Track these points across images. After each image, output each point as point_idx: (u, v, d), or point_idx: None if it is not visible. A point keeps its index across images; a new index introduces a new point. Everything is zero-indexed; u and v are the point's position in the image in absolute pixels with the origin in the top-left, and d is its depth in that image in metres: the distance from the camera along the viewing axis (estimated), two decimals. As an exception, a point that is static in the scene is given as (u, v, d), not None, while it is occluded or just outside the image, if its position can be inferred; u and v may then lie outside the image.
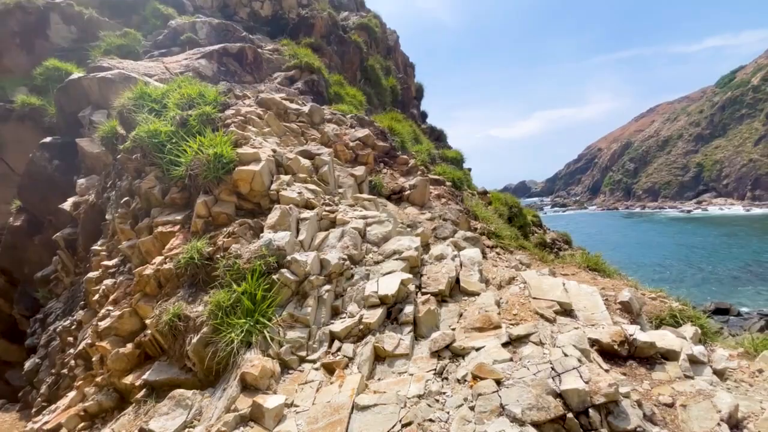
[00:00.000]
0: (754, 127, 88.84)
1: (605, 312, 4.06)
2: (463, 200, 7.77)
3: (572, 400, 2.55)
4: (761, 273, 36.61)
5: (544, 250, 17.28)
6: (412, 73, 33.09)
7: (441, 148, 24.82)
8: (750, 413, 3.16)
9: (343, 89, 15.87)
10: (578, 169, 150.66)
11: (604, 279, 7.35)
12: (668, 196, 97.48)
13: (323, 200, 4.64)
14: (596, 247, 41.70)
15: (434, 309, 3.59)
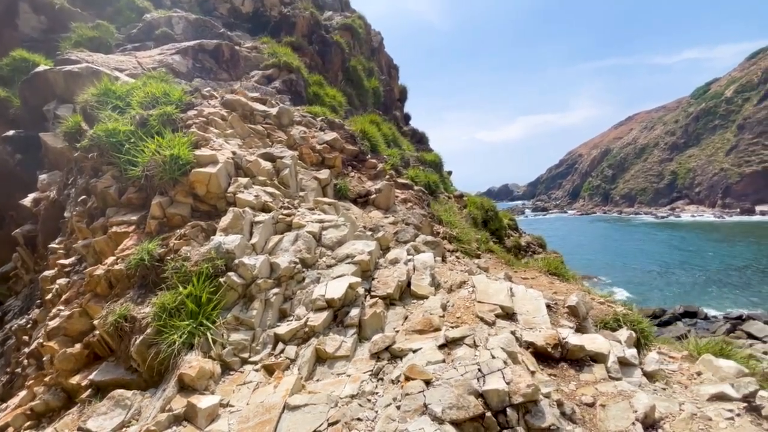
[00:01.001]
0: (726, 137, 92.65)
1: (546, 316, 4.26)
2: (429, 204, 7.94)
3: (492, 400, 2.71)
4: (729, 278, 38.23)
5: (519, 254, 17.71)
6: (396, 75, 33.26)
7: (422, 150, 25.11)
8: (668, 414, 3.39)
9: (322, 90, 15.88)
10: (559, 174, 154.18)
11: (561, 283, 7.64)
12: (644, 202, 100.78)
13: (282, 203, 4.71)
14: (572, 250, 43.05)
15: (380, 312, 3.71)
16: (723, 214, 79.92)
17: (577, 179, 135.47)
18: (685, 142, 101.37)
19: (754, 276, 38.19)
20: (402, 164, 11.33)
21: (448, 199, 15.14)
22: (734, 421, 3.34)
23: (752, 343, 23.95)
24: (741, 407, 3.56)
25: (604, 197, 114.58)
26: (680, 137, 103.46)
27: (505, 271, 7.46)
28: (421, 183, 12.65)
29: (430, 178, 13.37)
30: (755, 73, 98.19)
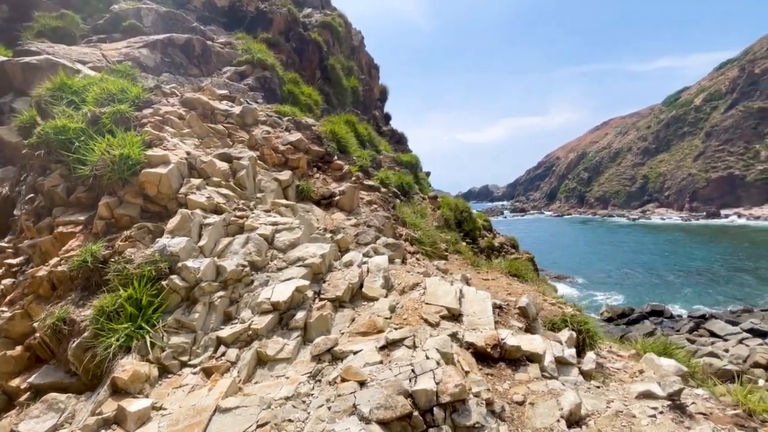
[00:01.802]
0: (694, 144, 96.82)
1: (491, 317, 4.42)
2: (395, 207, 8.04)
3: (420, 400, 2.82)
4: (695, 279, 39.97)
5: (492, 254, 18.06)
6: (377, 74, 33.30)
7: (401, 151, 25.27)
8: (595, 411, 3.57)
9: (298, 88, 15.77)
10: (537, 176, 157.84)
11: (519, 284, 7.88)
12: (617, 205, 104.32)
13: (236, 205, 4.71)
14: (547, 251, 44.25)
15: (327, 314, 3.78)
16: (690, 217, 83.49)
17: (554, 181, 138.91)
18: (656, 148, 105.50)
19: (718, 276, 40.08)
20: (373, 165, 11.41)
21: (423, 200, 15.31)
22: (656, 418, 3.56)
23: (714, 341, 25.05)
24: (665, 405, 3.79)
25: (579, 199, 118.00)
26: (652, 143, 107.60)
27: (463, 272, 7.64)
28: (393, 184, 12.76)
29: (403, 180, 13.49)
30: (723, 82, 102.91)
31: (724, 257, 47.48)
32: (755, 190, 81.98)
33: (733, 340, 23.93)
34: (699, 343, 24.33)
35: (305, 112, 13.94)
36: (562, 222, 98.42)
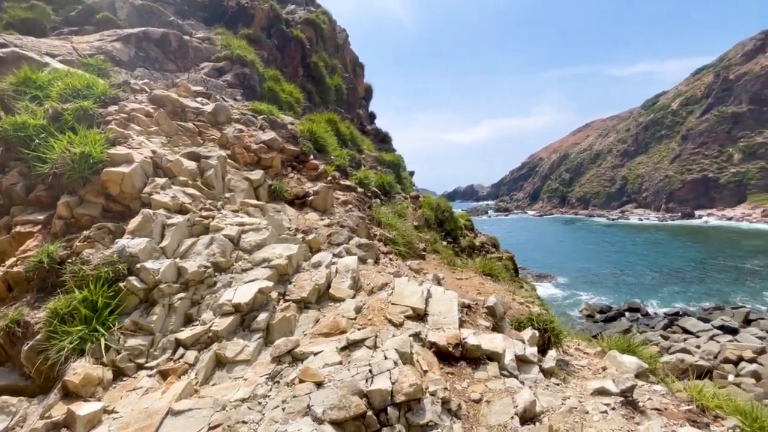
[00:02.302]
0: (671, 146, 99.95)
1: (456, 316, 4.50)
2: (371, 207, 8.08)
3: (375, 399, 2.87)
4: (670, 277, 41.28)
5: (473, 253, 18.27)
6: (362, 73, 33.23)
7: (385, 150, 25.31)
8: (550, 408, 3.68)
9: (279, 85, 15.61)
10: (521, 176, 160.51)
11: (492, 283, 8.02)
12: (597, 205, 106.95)
13: (203, 205, 4.67)
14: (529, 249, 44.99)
15: (291, 316, 3.79)
16: (666, 217, 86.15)
17: (537, 182, 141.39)
18: (635, 150, 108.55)
19: (692, 275, 41.50)
20: (352, 165, 11.41)
21: (405, 199, 15.38)
22: (607, 414, 3.69)
23: (686, 337, 25.87)
24: (617, 401, 3.93)
25: (561, 199, 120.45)
26: (631, 145, 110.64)
27: (438, 272, 7.74)
28: (374, 184, 12.79)
29: (384, 179, 13.52)
30: (699, 88, 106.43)
31: (697, 257, 49.18)
32: (728, 191, 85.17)
33: (705, 337, 24.80)
34: (672, 340, 25.16)
35: (286, 110, 13.84)
36: (544, 222, 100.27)
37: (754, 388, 17.75)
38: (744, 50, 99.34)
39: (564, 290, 39.97)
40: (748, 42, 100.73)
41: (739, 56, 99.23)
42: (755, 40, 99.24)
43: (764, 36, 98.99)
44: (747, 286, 36.92)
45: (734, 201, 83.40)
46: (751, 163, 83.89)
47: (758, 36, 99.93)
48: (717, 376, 19.36)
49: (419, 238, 11.16)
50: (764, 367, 19.41)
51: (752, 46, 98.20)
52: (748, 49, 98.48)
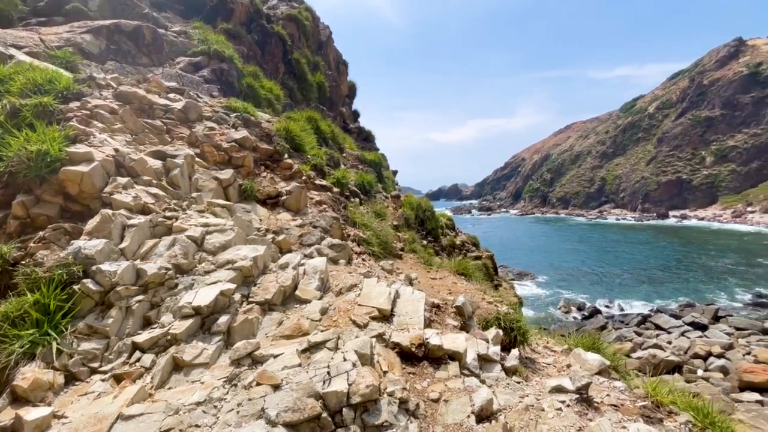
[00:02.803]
0: (647, 149, 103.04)
1: (422, 317, 4.57)
2: (346, 207, 8.08)
3: (331, 401, 2.90)
4: (645, 275, 42.59)
5: (453, 252, 18.45)
6: (345, 70, 33.09)
7: (368, 149, 25.29)
8: (507, 406, 3.78)
9: (258, 82, 15.42)
10: (504, 176, 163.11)
11: (465, 283, 8.13)
12: (577, 205, 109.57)
13: (167, 205, 4.59)
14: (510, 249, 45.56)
15: (254, 318, 3.78)
16: (642, 217, 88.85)
17: (519, 182, 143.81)
18: (613, 152, 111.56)
19: (665, 273, 42.96)
20: (330, 164, 11.38)
21: (385, 199, 15.43)
22: (562, 411, 3.81)
23: (659, 333, 26.72)
24: (573, 399, 4.06)
25: (542, 199, 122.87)
26: (609, 147, 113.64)
27: (414, 271, 7.82)
28: (353, 183, 12.78)
29: (364, 178, 13.52)
30: (674, 92, 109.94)
31: (671, 256, 50.95)
32: (700, 193, 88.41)
33: (676, 333, 25.67)
34: (645, 336, 25.97)
35: (265, 108, 13.69)
36: (525, 221, 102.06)
37: (721, 382, 18.43)
38: (718, 56, 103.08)
39: (544, 288, 40.78)
40: (722, 48, 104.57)
41: (713, 62, 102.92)
42: (729, 47, 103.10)
43: (737, 43, 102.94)
44: (717, 283, 38.49)
45: (706, 202, 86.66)
46: (722, 166, 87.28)
47: (732, 43, 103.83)
48: (686, 370, 20.00)
49: (397, 238, 11.23)
50: (731, 362, 20.17)
51: (726, 53, 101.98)
52: (721, 56, 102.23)
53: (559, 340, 7.46)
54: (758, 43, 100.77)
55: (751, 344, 23.16)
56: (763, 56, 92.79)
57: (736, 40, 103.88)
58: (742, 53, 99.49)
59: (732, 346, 22.43)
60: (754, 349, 22.08)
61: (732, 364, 19.33)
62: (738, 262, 45.22)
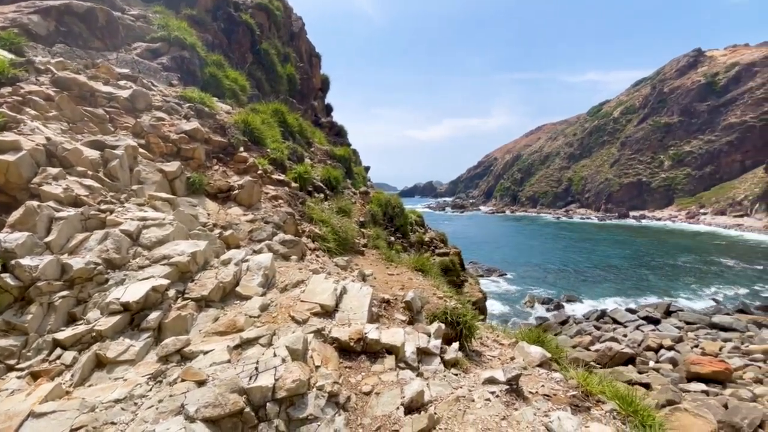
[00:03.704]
0: (611, 152, 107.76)
1: (365, 312, 4.64)
2: (303, 202, 8.04)
3: (255, 396, 2.92)
4: (605, 272, 44.66)
5: (422, 248, 18.63)
6: (318, 63, 32.66)
7: (340, 144, 25.10)
8: (438, 397, 3.92)
9: (222, 71, 14.98)
10: (477, 175, 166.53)
11: (422, 279, 8.29)
12: (545, 204, 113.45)
13: (102, 198, 4.43)
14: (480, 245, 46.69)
15: (187, 315, 3.73)
16: (605, 217, 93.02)
17: (491, 180, 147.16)
18: (580, 153, 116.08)
19: (624, 270, 45.26)
20: (293, 158, 11.25)
21: (354, 195, 15.41)
22: (490, 401, 3.99)
23: (616, 327, 28.08)
24: (503, 389, 4.25)
25: (513, 198, 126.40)
26: (576, 149, 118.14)
27: (368, 268, 7.89)
28: (318, 179, 12.69)
29: (331, 174, 13.44)
30: (637, 98, 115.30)
31: (629, 254, 53.68)
32: (658, 195, 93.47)
33: (631, 327, 27.10)
34: (603, 330, 27.28)
35: (228, 99, 13.34)
36: (496, 219, 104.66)
37: (670, 373, 19.53)
38: (678, 66, 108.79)
39: (511, 284, 41.99)
40: (682, 59, 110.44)
41: (673, 71, 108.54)
42: (688, 57, 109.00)
43: (696, 54, 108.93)
44: (671, 280, 40.95)
45: (663, 203, 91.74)
46: (678, 170, 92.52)
47: (691, 54, 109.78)
48: (639, 362, 21.10)
49: (361, 234, 11.28)
50: (680, 354, 21.46)
51: (685, 63, 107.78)
52: (681, 65, 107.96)
53: (509, 334, 7.76)
54: (716, 54, 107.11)
55: (699, 337, 24.78)
56: (720, 67, 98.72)
57: (695, 51, 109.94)
58: (700, 63, 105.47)
59: (682, 339, 23.89)
60: (701, 342, 23.64)
61: (681, 356, 20.54)
62: (690, 260, 48.30)
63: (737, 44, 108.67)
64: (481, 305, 18.24)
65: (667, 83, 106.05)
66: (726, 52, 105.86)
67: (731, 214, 76.49)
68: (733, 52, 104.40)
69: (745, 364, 19.45)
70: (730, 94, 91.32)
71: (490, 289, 38.72)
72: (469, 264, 45.74)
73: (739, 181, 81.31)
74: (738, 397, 15.24)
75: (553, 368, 5.75)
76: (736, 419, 12.33)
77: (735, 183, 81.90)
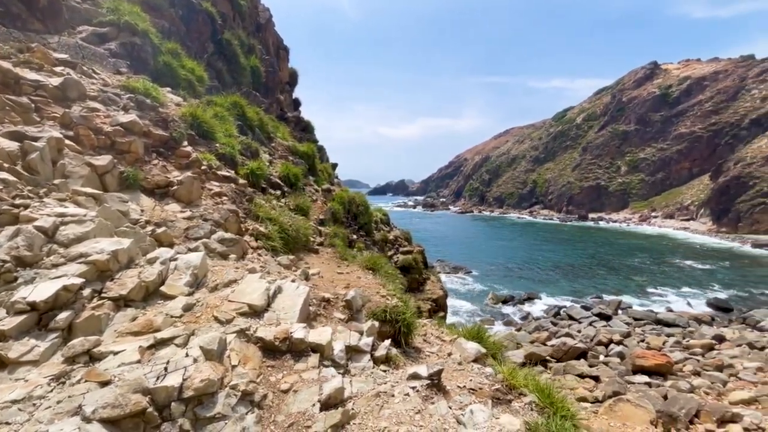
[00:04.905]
0: (573, 156, 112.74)
1: (297, 311, 4.68)
2: (251, 200, 7.94)
3: (160, 396, 2.92)
4: (564, 270, 46.76)
5: (386, 247, 18.73)
6: (286, 56, 32.12)
7: (306, 139, 24.79)
8: (359, 393, 4.03)
9: (178, 61, 14.42)
10: (448, 175, 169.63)
11: (371, 277, 8.40)
12: (511, 205, 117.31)
13: (17, 192, 4.23)
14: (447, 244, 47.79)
15: (101, 314, 3.65)
16: (566, 218, 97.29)
17: (461, 180, 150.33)
18: (544, 157, 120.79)
19: (582, 269, 47.60)
20: (246, 154, 11.06)
21: (315, 192, 15.31)
22: (409, 396, 4.14)
23: (571, 323, 29.48)
24: (424, 384, 4.42)
25: (481, 198, 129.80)
26: (541, 152, 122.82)
27: (316, 268, 7.92)
28: (276, 175, 12.52)
29: (290, 171, 13.28)
30: (598, 106, 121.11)
31: (587, 253, 56.47)
32: (615, 198, 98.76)
33: (585, 323, 28.58)
34: (560, 326, 28.61)
35: (183, 89, 12.88)
36: (465, 218, 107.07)
37: (618, 366, 20.66)
38: (636, 77, 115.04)
39: (477, 281, 43.13)
40: (640, 70, 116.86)
41: (631, 82, 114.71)
42: (645, 69, 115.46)
43: (653, 66, 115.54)
44: (623, 279, 43.48)
45: (619, 206, 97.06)
46: (633, 175, 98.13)
47: (648, 66, 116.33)
48: (591, 356, 22.24)
49: (318, 233, 11.26)
50: (628, 348, 22.79)
51: (642, 74, 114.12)
52: (639, 77, 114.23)
53: (454, 331, 8.02)
54: (670, 67, 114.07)
55: (645, 332, 26.52)
56: (673, 80, 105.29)
57: (651, 64, 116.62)
58: (656, 75, 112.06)
59: (629, 334, 25.46)
60: (647, 336, 25.30)
61: (628, 350, 21.86)
62: (642, 260, 51.47)
63: (690, 59, 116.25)
64: (441, 302, 18.65)
65: (626, 93, 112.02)
66: (679, 66, 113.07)
67: (679, 218, 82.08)
68: (685, 66, 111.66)
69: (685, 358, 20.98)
70: (682, 105, 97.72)
71: (456, 286, 39.70)
72: (437, 262, 46.68)
73: (687, 187, 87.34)
74: (677, 389, 16.41)
75: (489, 363, 6.03)
76: (673, 409, 13.23)
77: (683, 189, 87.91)
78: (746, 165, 69.94)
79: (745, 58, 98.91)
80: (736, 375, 18.09)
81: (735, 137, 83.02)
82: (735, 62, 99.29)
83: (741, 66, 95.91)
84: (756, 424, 12.24)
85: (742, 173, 69.08)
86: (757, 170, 67.79)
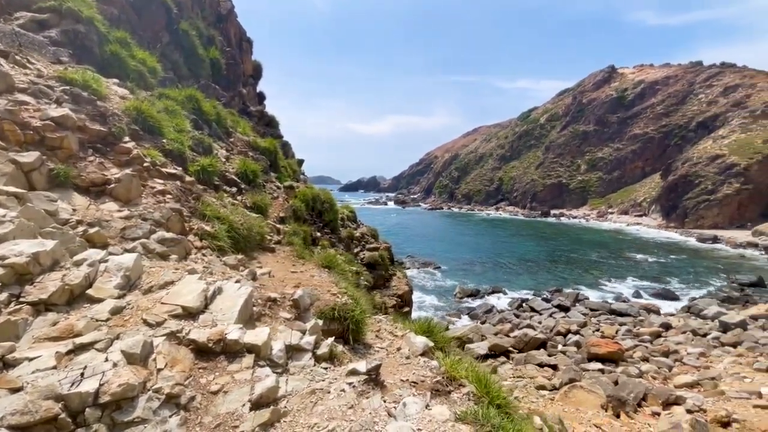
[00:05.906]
0: (537, 155, 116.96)
1: (235, 313, 4.65)
2: (198, 198, 7.75)
3: (73, 402, 2.86)
4: (527, 265, 48.53)
5: (352, 244, 18.66)
6: (250, 49, 31.27)
7: (270, 134, 24.27)
8: (294, 391, 4.06)
9: (127, 50, 13.71)
10: (418, 172, 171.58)
11: (326, 276, 8.41)
12: (478, 202, 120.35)
13: (-76, 191, 3.96)
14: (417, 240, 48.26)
15: (18, 320, 3.49)
16: (530, 215, 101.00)
17: (431, 177, 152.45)
18: (510, 155, 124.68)
19: (543, 263, 49.64)
20: (198, 150, 10.75)
21: (277, 189, 15.04)
22: (345, 392, 4.22)
23: (533, 315, 30.67)
24: (361, 380, 4.52)
25: (450, 195, 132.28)
26: (507, 151, 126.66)
27: (269, 266, 7.85)
28: (233, 172, 12.23)
29: (248, 167, 12.96)
30: (561, 107, 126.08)
31: (548, 248, 58.89)
32: (575, 195, 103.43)
33: (546, 314, 29.83)
34: (522, 318, 29.71)
35: (134, 81, 12.29)
36: (435, 215, 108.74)
37: (575, 354, 21.65)
38: (595, 80, 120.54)
39: (445, 276, 43.94)
40: (599, 73, 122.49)
41: (591, 84, 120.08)
42: (604, 72, 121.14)
43: (611, 70, 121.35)
44: (581, 271, 45.73)
45: (579, 203, 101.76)
46: (592, 174, 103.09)
47: (606, 69, 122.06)
48: (550, 346, 23.23)
49: (276, 231, 11.12)
50: (584, 337, 23.97)
51: (601, 77, 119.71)
52: (598, 79, 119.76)
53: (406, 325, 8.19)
54: (626, 72, 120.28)
55: (600, 322, 28.04)
56: (629, 83, 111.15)
57: (609, 67, 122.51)
58: (613, 79, 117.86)
59: (586, 324, 26.84)
60: (602, 326, 26.78)
61: (584, 339, 23.02)
62: (599, 254, 54.27)
63: (644, 64, 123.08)
64: (407, 298, 18.89)
65: (586, 95, 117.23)
66: (634, 71, 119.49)
67: (633, 214, 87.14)
68: (640, 70, 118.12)
69: (635, 345, 22.36)
70: (636, 108, 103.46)
71: (425, 282, 40.33)
72: (406, 257, 47.21)
73: (640, 185, 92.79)
74: (627, 374, 17.44)
75: (436, 356, 6.21)
76: (623, 393, 14.08)
77: (636, 187, 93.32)
78: (693, 164, 75.17)
79: (694, 65, 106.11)
80: (680, 360, 19.54)
81: (683, 138, 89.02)
82: (684, 68, 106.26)
83: (690, 71, 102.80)
84: (698, 405, 13.27)
85: (689, 172, 74.21)
86: (702, 169, 73.01)
